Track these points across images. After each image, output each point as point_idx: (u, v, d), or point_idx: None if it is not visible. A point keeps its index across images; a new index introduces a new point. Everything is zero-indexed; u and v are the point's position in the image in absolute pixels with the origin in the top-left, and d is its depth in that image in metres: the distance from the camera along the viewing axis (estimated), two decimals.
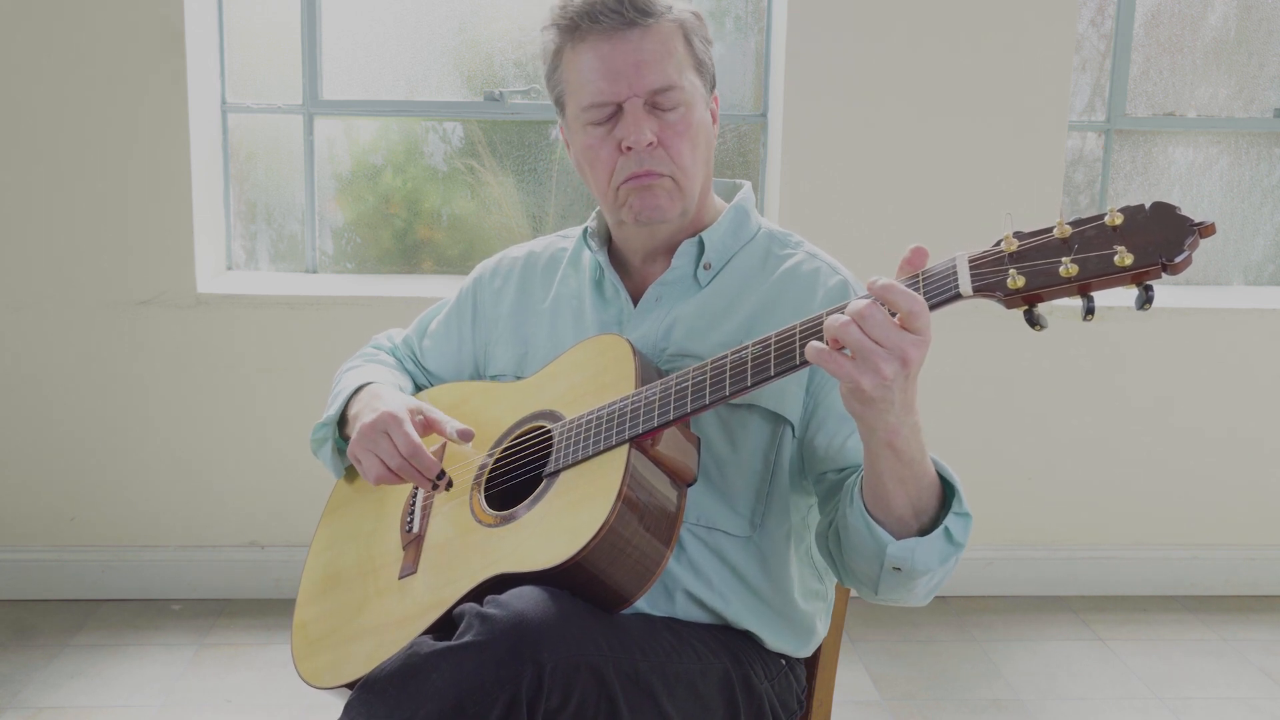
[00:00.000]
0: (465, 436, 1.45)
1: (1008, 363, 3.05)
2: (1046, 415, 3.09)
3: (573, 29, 1.42)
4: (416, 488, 1.53)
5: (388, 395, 1.54)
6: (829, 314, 1.19)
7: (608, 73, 1.41)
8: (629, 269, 1.56)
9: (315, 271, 3.20)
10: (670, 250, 1.51)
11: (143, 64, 2.83)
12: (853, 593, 1.63)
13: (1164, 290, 3.25)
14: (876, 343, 1.12)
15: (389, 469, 1.44)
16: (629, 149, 1.42)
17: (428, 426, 1.48)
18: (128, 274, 2.91)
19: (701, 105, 1.46)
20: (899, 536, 1.27)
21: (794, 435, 1.44)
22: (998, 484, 3.09)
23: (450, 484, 1.46)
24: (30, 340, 2.93)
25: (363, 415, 1.48)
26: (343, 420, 1.61)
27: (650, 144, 1.42)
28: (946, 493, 1.30)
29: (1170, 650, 2.86)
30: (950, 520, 1.28)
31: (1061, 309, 2.99)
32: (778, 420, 1.43)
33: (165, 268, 2.91)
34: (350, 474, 1.68)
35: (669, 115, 1.43)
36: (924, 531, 1.28)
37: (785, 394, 1.42)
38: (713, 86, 1.50)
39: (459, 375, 1.68)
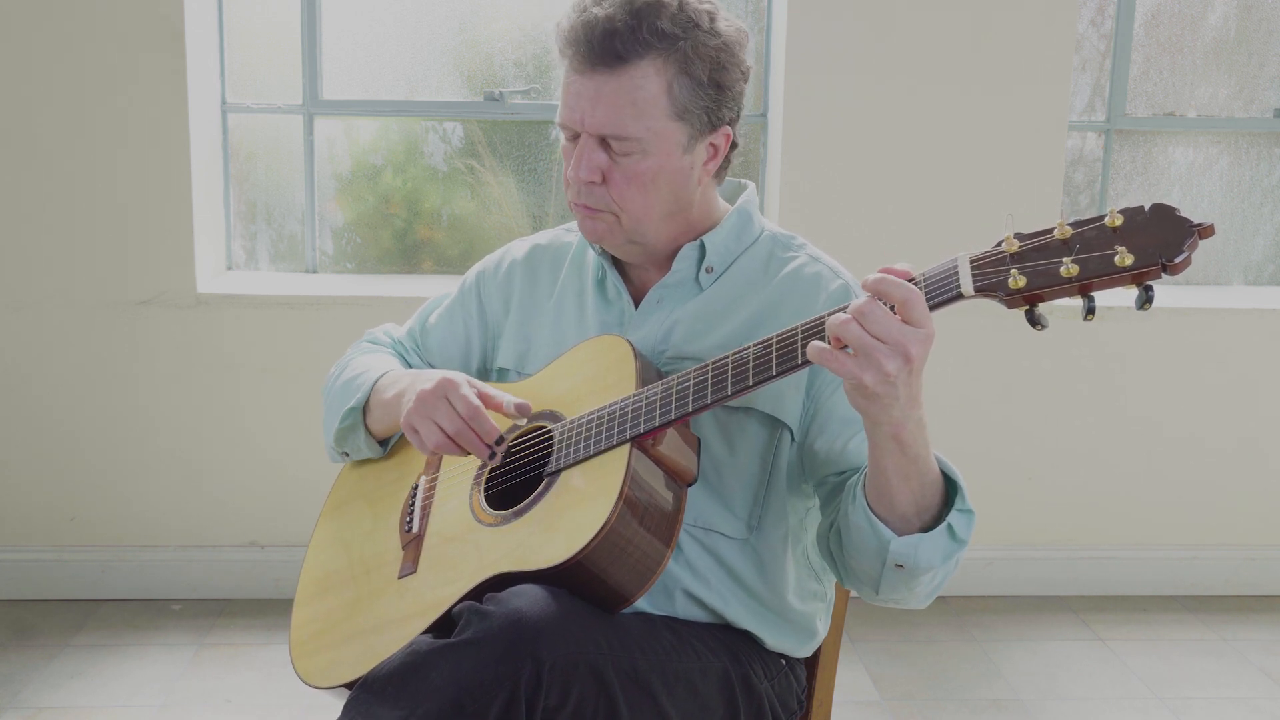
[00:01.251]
0: (523, 411, 1.41)
1: (1008, 363, 3.05)
2: (1046, 415, 3.09)
3: (561, 42, 1.42)
4: (415, 487, 1.53)
5: (434, 370, 1.52)
6: (830, 314, 1.19)
7: (569, 101, 1.41)
8: (631, 270, 1.56)
9: (315, 271, 3.21)
10: (672, 254, 1.51)
11: (143, 64, 2.82)
12: (853, 593, 1.63)
13: (1164, 290, 3.25)
14: (878, 339, 1.13)
15: (446, 434, 1.39)
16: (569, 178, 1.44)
17: (483, 398, 1.43)
18: (128, 274, 2.91)
19: (672, 151, 1.41)
20: (901, 533, 1.27)
21: (792, 439, 1.44)
22: (998, 484, 3.09)
23: (506, 449, 1.42)
24: (30, 340, 2.93)
25: (419, 384, 1.44)
26: (364, 409, 1.60)
27: (592, 182, 1.42)
28: (949, 490, 1.30)
29: (1170, 650, 2.86)
30: (953, 517, 1.28)
31: (1062, 309, 2.98)
32: (775, 424, 1.43)
33: (165, 268, 2.91)
34: (350, 473, 1.68)
35: (621, 159, 1.41)
36: (927, 528, 1.28)
37: (783, 398, 1.42)
38: (713, 126, 1.44)
39: (465, 368, 1.67)
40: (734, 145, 1.50)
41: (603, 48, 1.37)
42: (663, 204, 1.45)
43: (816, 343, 1.16)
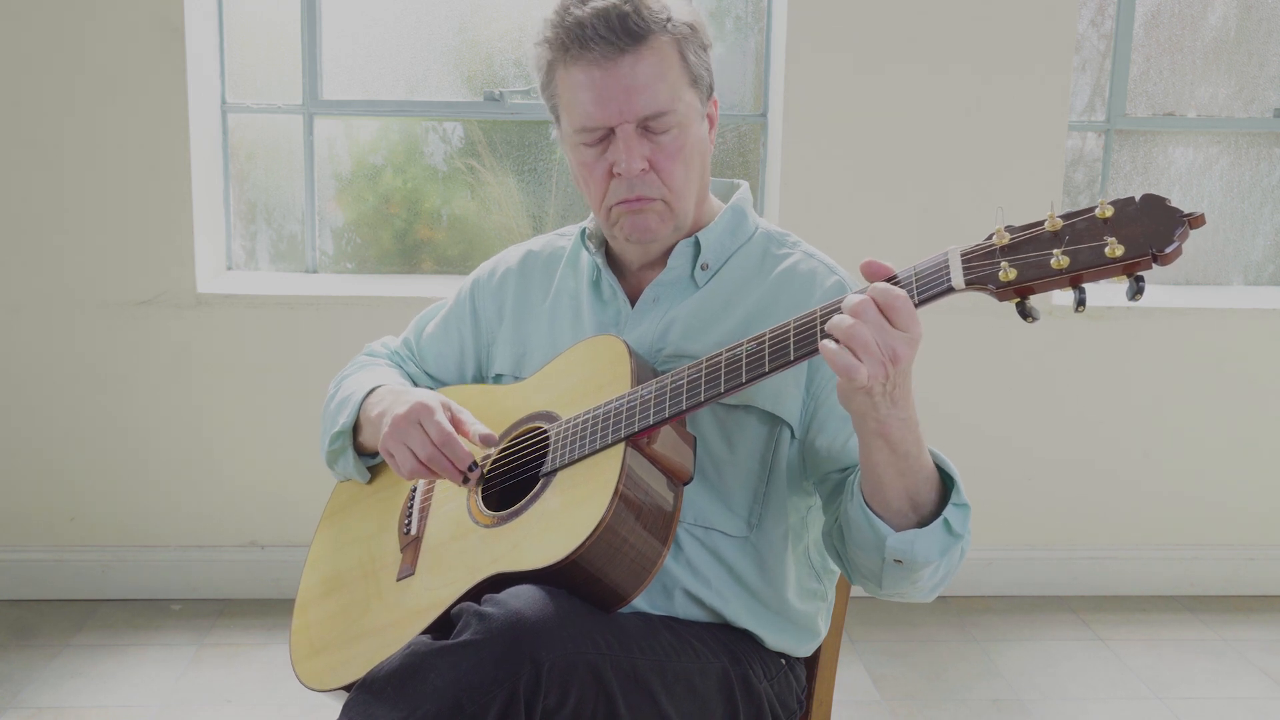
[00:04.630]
0: (487, 441, 1.41)
1: (1008, 363, 3.05)
2: (1045, 414, 3.09)
3: (564, 49, 1.41)
4: (413, 489, 1.53)
5: (415, 389, 1.52)
6: (824, 310, 1.21)
7: (599, 99, 1.39)
8: (627, 270, 1.56)
9: (315, 271, 3.21)
10: (667, 252, 1.51)
11: (143, 64, 2.83)
12: (853, 593, 1.64)
13: (1163, 290, 3.25)
14: (874, 338, 1.14)
15: (420, 460, 1.40)
16: (620, 174, 1.42)
17: (455, 424, 1.44)
18: (128, 274, 2.91)
19: (696, 121, 1.45)
20: (898, 529, 1.27)
21: (793, 437, 1.44)
22: (998, 485, 3.09)
23: (481, 476, 1.42)
24: (30, 340, 2.93)
25: (394, 408, 1.45)
26: (355, 427, 1.60)
27: (642, 170, 1.41)
28: (947, 485, 1.30)
29: (1170, 650, 2.86)
30: (949, 511, 1.28)
31: (1060, 309, 2.99)
32: (775, 421, 1.43)
33: (165, 268, 2.91)
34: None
35: (662, 138, 1.41)
36: (924, 523, 1.28)
37: (782, 395, 1.42)
38: (710, 93, 1.48)
39: (460, 376, 1.67)
40: None
41: (623, 30, 1.37)
42: (697, 178, 1.47)
43: (827, 340, 1.17)
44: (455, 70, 3.16)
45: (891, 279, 1.19)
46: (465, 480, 1.39)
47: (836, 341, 1.16)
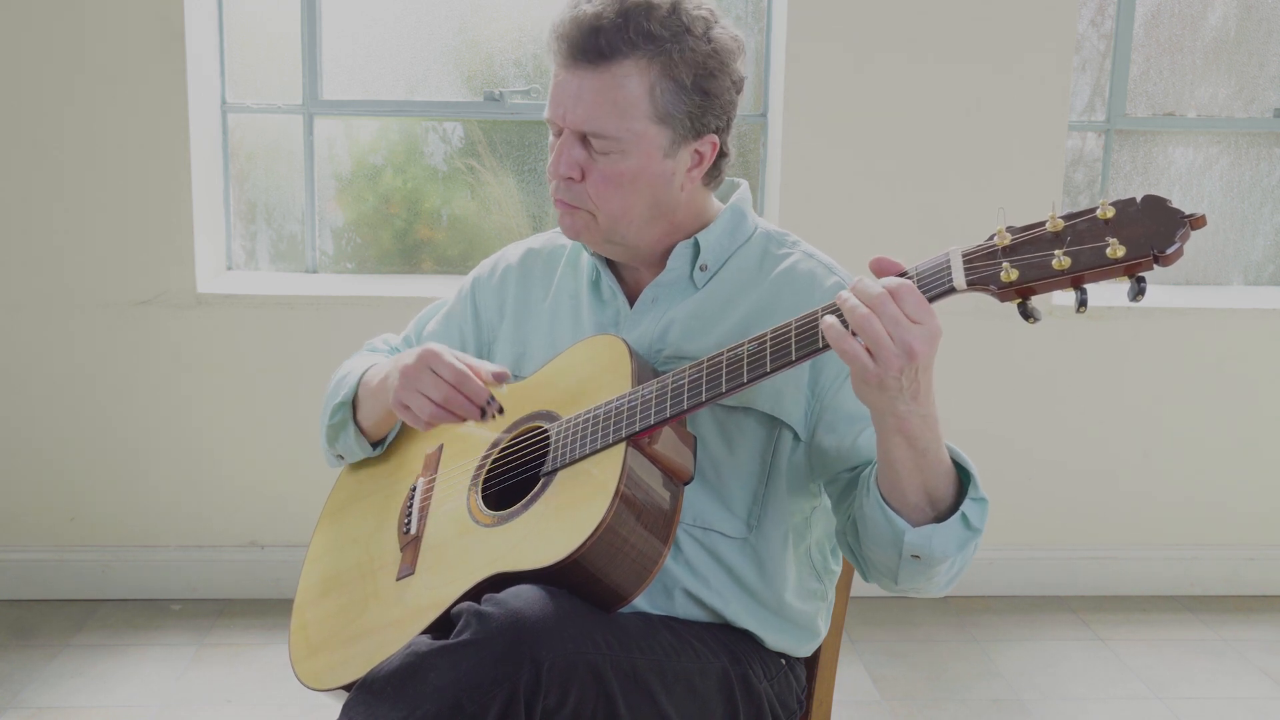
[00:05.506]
0: (501, 378, 1.42)
1: (1007, 363, 3.05)
2: (1046, 415, 3.09)
3: (549, 41, 1.43)
4: (413, 489, 1.53)
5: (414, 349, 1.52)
6: (825, 311, 1.20)
7: (553, 97, 1.42)
8: (626, 270, 1.56)
9: (315, 271, 3.21)
10: (664, 254, 1.51)
11: (143, 64, 2.83)
12: (853, 593, 1.64)
13: (1163, 290, 3.25)
14: (888, 332, 1.14)
15: (436, 403, 1.39)
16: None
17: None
18: (128, 274, 2.91)
19: (653, 155, 1.40)
20: (916, 524, 1.27)
21: (795, 438, 1.44)
22: (998, 484, 3.06)
23: (501, 409, 1.41)
24: (30, 340, 2.93)
25: (401, 362, 1.45)
26: (354, 406, 1.60)
27: (570, 178, 1.42)
28: (964, 480, 1.30)
29: (1170, 650, 2.86)
30: (967, 505, 1.28)
31: (1061, 310, 3.00)
32: (774, 423, 1.43)
33: (165, 268, 2.91)
34: (349, 475, 1.68)
35: (600, 157, 1.41)
36: (941, 518, 1.28)
37: (783, 397, 1.42)
38: (697, 133, 1.42)
39: None
40: (723, 154, 1.49)
41: (587, 44, 1.37)
42: (641, 206, 1.44)
43: (830, 318, 1.16)
44: (455, 70, 3.16)
45: (901, 275, 1.19)
46: (484, 415, 1.39)
47: (847, 328, 1.15)
